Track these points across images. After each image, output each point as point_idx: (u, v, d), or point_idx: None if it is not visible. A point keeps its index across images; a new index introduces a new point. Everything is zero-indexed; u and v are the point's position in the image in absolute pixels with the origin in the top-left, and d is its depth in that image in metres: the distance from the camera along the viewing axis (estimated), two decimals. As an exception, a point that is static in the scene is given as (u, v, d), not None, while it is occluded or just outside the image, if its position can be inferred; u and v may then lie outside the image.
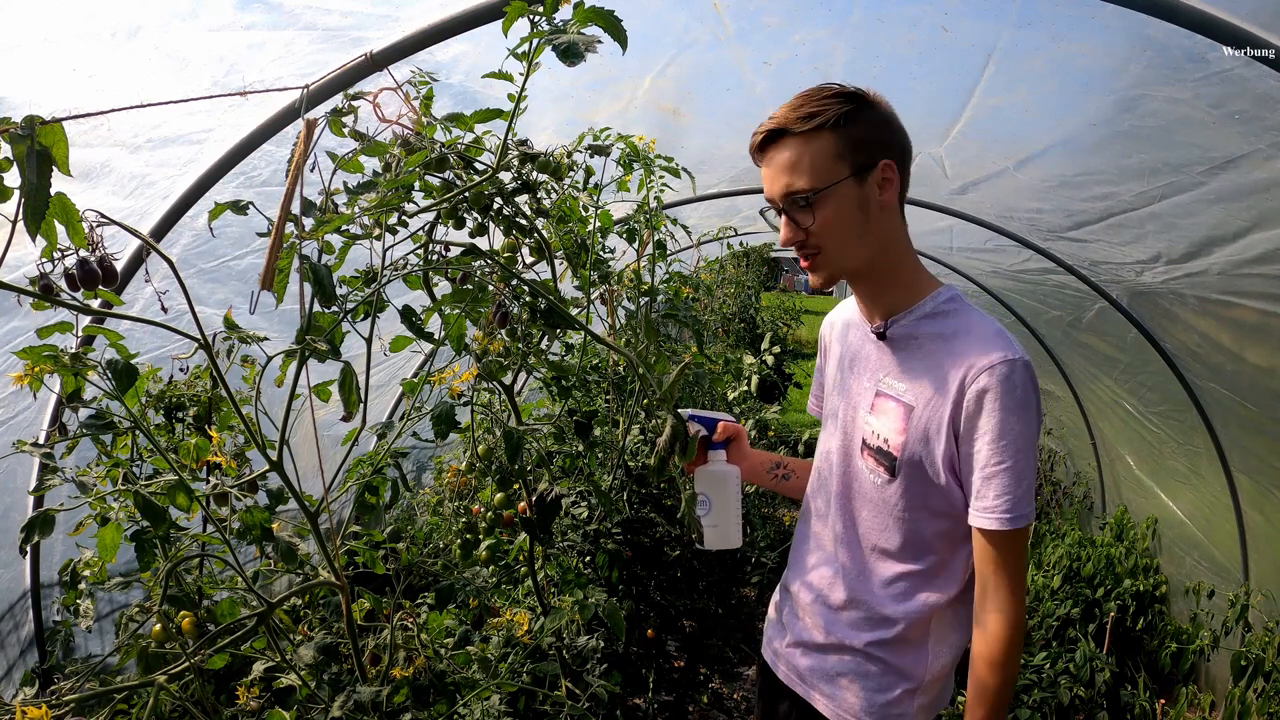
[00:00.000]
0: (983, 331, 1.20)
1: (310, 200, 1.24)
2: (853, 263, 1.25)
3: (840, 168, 1.19)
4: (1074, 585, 3.64)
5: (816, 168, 1.19)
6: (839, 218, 1.20)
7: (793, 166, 1.20)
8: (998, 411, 1.14)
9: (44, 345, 1.12)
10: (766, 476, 1.62)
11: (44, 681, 2.07)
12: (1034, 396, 1.16)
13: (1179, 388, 3.03)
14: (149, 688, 1.12)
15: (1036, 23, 1.86)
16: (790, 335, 10.48)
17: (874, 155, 1.20)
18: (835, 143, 1.18)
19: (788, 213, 1.23)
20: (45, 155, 0.91)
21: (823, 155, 1.18)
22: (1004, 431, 1.14)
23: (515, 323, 1.39)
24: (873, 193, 1.21)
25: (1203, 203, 2.15)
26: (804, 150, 1.19)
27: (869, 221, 1.22)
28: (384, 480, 1.47)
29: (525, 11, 1.14)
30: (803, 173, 1.19)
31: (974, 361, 1.16)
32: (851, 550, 1.35)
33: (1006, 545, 1.18)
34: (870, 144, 1.20)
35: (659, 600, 2.78)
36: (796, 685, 1.44)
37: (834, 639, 1.36)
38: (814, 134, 1.18)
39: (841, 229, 1.21)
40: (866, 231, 1.22)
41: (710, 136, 3.01)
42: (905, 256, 1.28)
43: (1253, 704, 2.38)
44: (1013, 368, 1.14)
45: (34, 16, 1.54)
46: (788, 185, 1.21)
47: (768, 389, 7.38)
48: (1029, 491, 1.16)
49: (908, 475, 1.25)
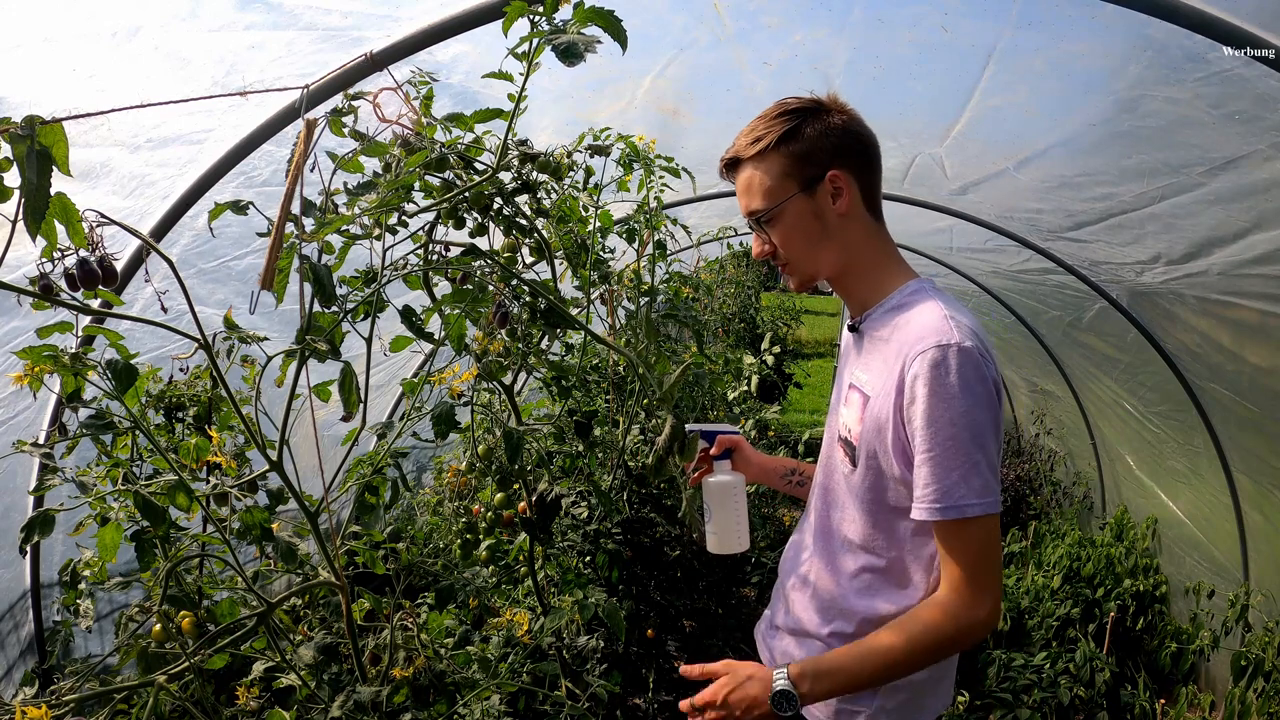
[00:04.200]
0: (925, 318, 1.19)
1: (310, 200, 1.24)
2: (820, 268, 1.32)
3: (788, 185, 1.26)
4: (1074, 585, 3.64)
5: (767, 188, 1.26)
6: (796, 230, 1.28)
7: (748, 188, 1.29)
8: (926, 398, 1.13)
9: (44, 345, 1.12)
10: (781, 482, 1.66)
11: (44, 681, 2.07)
12: (975, 382, 1.12)
13: (1179, 388, 3.03)
14: (149, 688, 1.12)
15: (1036, 23, 1.86)
16: (790, 335, 10.49)
17: (822, 167, 1.25)
18: (780, 162, 1.25)
19: (753, 230, 1.33)
20: (45, 155, 0.91)
21: (771, 176, 1.26)
22: (931, 419, 1.13)
23: (515, 323, 1.39)
24: (825, 203, 1.26)
25: (1203, 203, 2.15)
26: (754, 173, 1.28)
27: (827, 230, 1.28)
28: (384, 480, 1.47)
29: (525, 11, 1.14)
30: (756, 194, 1.28)
31: (910, 348, 1.17)
32: (825, 540, 1.37)
33: (947, 536, 1.17)
34: (817, 156, 1.25)
35: (659, 600, 2.78)
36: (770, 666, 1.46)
37: (801, 624, 1.39)
38: (760, 157, 1.26)
39: (801, 240, 1.28)
40: (826, 239, 1.28)
41: (710, 136, 3.01)
42: (877, 255, 1.32)
43: (1253, 704, 2.38)
44: (944, 353, 1.12)
45: (34, 16, 1.54)
46: (747, 206, 1.30)
47: (768, 389, 7.39)
48: (963, 481, 1.12)
49: (865, 465, 1.26)
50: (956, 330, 1.15)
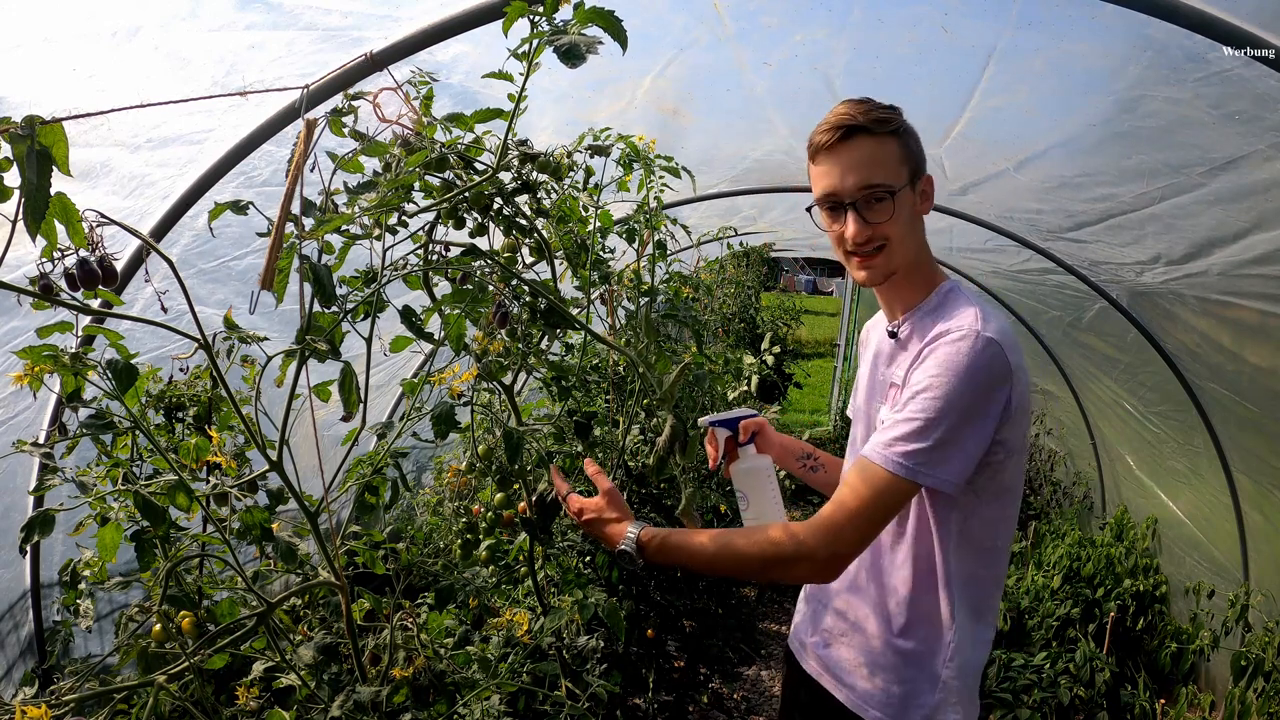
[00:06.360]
0: (962, 315, 1.25)
1: (310, 200, 1.24)
2: (906, 260, 1.33)
3: (903, 172, 1.28)
4: (1074, 585, 3.64)
5: (891, 168, 1.27)
6: (903, 215, 1.29)
7: (871, 162, 1.26)
8: (930, 365, 1.19)
9: (44, 345, 1.12)
10: (796, 465, 1.70)
11: (44, 681, 2.07)
12: (983, 372, 1.17)
13: (1179, 388, 3.04)
14: (149, 688, 1.12)
15: (1036, 23, 1.86)
16: (790, 335, 10.48)
17: (921, 167, 1.32)
18: (900, 149, 1.28)
19: (861, 208, 1.27)
20: (45, 155, 0.91)
21: (894, 158, 1.27)
22: (929, 385, 1.18)
23: (515, 323, 1.39)
24: (917, 202, 1.32)
25: (1202, 203, 2.15)
26: (879, 149, 1.26)
27: (916, 226, 1.33)
28: (384, 480, 1.47)
29: (525, 12, 1.14)
30: (881, 169, 1.26)
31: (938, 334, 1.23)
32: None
33: (860, 474, 1.19)
34: (919, 157, 1.32)
35: (659, 600, 2.78)
36: (819, 676, 1.46)
37: (855, 625, 1.39)
38: (887, 137, 1.27)
39: (904, 226, 1.30)
40: (915, 232, 1.33)
41: (710, 136, 3.01)
42: (928, 257, 1.39)
43: (1253, 704, 2.38)
44: (964, 336, 1.18)
45: (34, 16, 1.54)
46: (866, 178, 1.26)
47: (768, 389, 7.39)
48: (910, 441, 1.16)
49: None
50: (985, 322, 1.21)
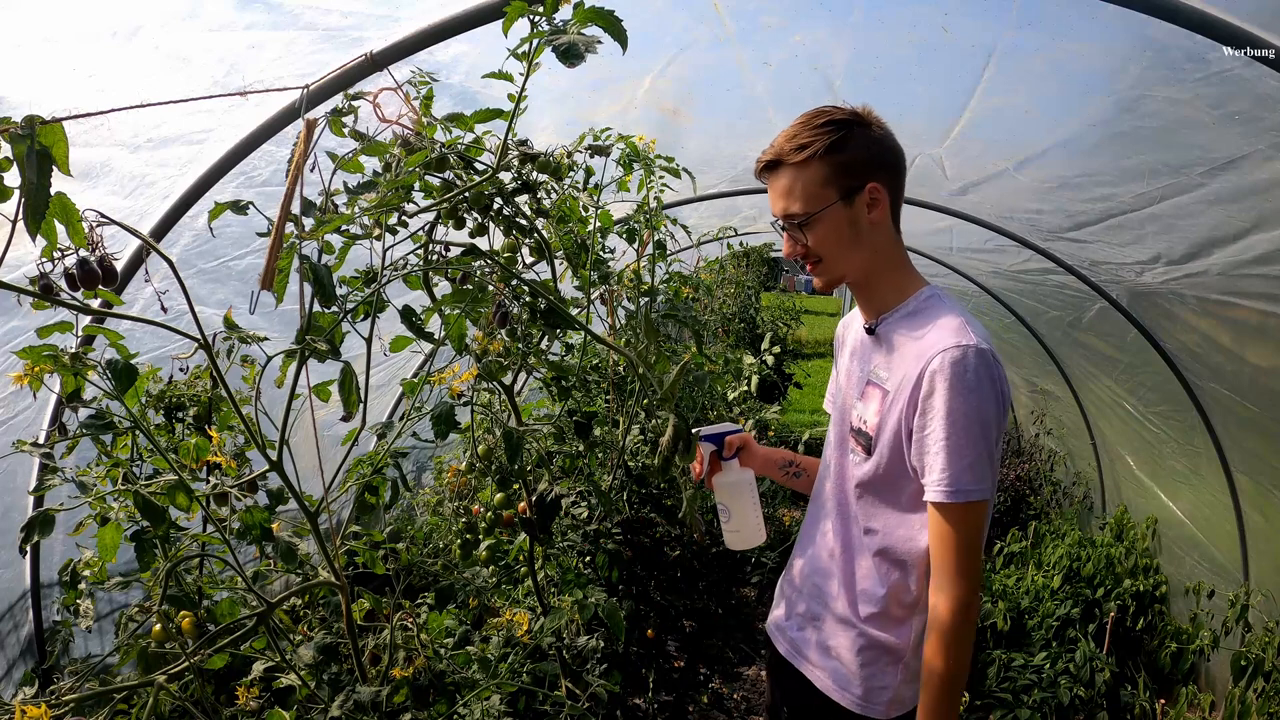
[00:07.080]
0: (946, 323, 1.29)
1: (310, 200, 1.24)
2: (848, 271, 1.38)
3: (829, 193, 1.31)
4: (1074, 585, 3.64)
5: (808, 194, 1.31)
6: (831, 235, 1.33)
7: (787, 193, 1.33)
8: (945, 392, 1.22)
9: (44, 345, 1.12)
10: (779, 473, 1.73)
11: (44, 681, 2.07)
12: (987, 381, 1.22)
13: (1179, 388, 3.03)
14: (149, 688, 1.12)
15: (1036, 23, 1.86)
16: (790, 335, 10.47)
17: (862, 178, 1.31)
18: (824, 170, 1.30)
19: (787, 231, 1.38)
20: (45, 155, 0.91)
21: (813, 183, 1.31)
22: (949, 410, 1.22)
23: (515, 323, 1.39)
24: (861, 212, 1.33)
25: (1202, 203, 2.15)
26: (796, 179, 1.32)
27: (859, 236, 1.34)
28: (384, 480, 1.47)
29: (525, 11, 1.14)
30: (796, 199, 1.32)
31: (932, 348, 1.26)
32: (843, 528, 1.45)
33: (950, 520, 1.24)
34: (858, 168, 1.31)
35: (659, 600, 2.78)
36: (794, 658, 1.52)
37: (825, 611, 1.45)
38: (805, 164, 1.30)
39: (835, 244, 1.34)
40: (858, 245, 1.35)
41: (710, 137, 3.01)
42: (897, 261, 1.40)
43: (1253, 704, 2.38)
44: (964, 352, 1.22)
45: (34, 16, 1.54)
46: (785, 208, 1.35)
47: (768, 389, 7.39)
48: (974, 469, 1.22)
49: (880, 455, 1.34)
50: (973, 333, 1.25)
